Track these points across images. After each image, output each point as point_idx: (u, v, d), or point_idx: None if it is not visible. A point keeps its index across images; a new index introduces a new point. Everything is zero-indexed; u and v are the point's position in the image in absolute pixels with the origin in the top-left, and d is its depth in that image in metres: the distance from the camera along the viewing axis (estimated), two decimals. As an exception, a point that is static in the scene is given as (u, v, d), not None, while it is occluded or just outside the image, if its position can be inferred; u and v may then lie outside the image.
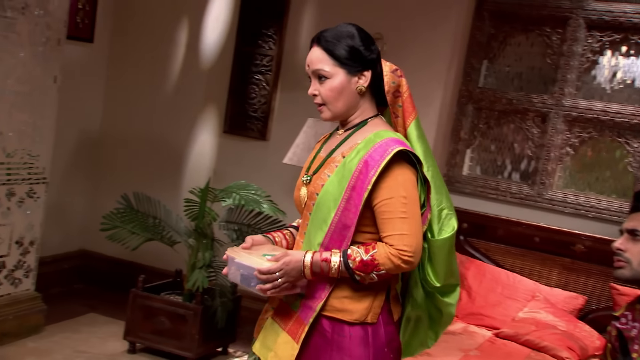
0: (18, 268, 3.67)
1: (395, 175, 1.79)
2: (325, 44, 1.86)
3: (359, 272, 1.77)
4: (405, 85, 1.93)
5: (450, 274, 1.92)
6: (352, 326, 1.82)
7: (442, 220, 1.88)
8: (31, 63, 3.51)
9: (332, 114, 1.89)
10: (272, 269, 1.79)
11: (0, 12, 3.28)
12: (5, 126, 3.46)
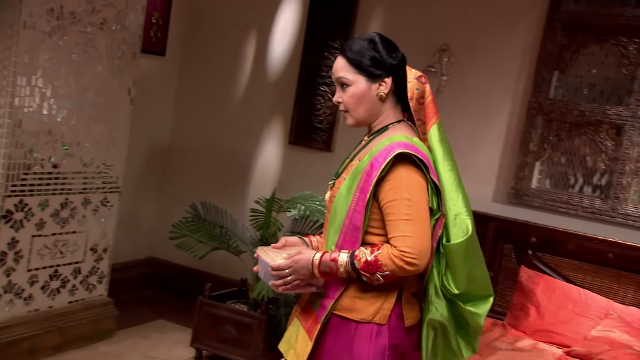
0: (92, 274, 3.80)
1: (400, 178, 1.83)
2: (347, 52, 1.94)
3: (364, 272, 1.82)
4: (428, 91, 1.95)
5: (470, 281, 1.90)
6: (358, 324, 1.87)
7: (458, 225, 1.89)
8: (108, 76, 3.65)
9: (355, 120, 1.96)
10: (282, 266, 1.89)
11: (81, 28, 3.42)
12: (83, 137, 3.59)
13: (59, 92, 3.40)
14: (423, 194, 1.84)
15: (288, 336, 2.02)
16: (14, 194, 3.27)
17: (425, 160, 1.86)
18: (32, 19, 3.17)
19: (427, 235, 1.82)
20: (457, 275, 1.89)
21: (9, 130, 3.18)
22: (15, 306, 3.38)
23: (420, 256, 1.78)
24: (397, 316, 1.89)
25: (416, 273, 1.83)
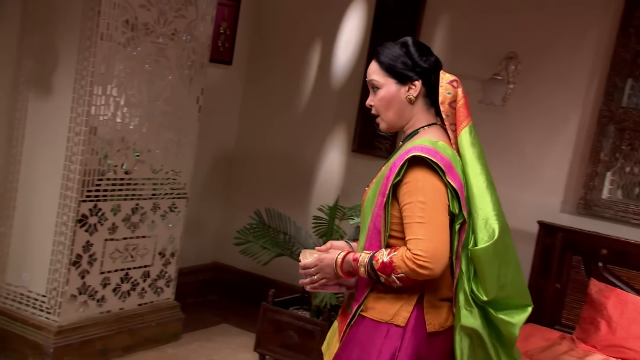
0: (160, 278, 3.90)
1: (416, 181, 1.82)
2: (378, 56, 1.96)
3: (381, 273, 1.82)
4: (460, 95, 1.92)
5: (501, 288, 1.85)
6: (376, 323, 1.88)
7: (486, 230, 1.84)
8: (178, 85, 3.74)
9: (386, 124, 1.97)
10: (309, 264, 1.94)
11: (154, 38, 3.53)
12: (154, 144, 3.70)
13: (131, 100, 3.51)
14: (439, 197, 1.83)
15: (328, 338, 2.08)
16: (88, 199, 3.39)
17: (443, 163, 1.83)
18: (109, 31, 3.28)
19: (441, 238, 1.80)
20: (486, 281, 1.84)
21: (86, 137, 3.31)
22: (89, 307, 3.50)
23: (434, 260, 1.76)
24: (417, 320, 1.87)
25: (431, 277, 1.79)
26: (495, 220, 1.85)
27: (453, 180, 1.84)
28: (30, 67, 3.42)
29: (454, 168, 1.87)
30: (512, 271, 1.90)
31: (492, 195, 1.87)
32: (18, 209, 3.46)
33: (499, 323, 1.87)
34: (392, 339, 1.86)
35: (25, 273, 3.42)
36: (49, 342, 3.30)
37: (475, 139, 1.92)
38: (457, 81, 1.94)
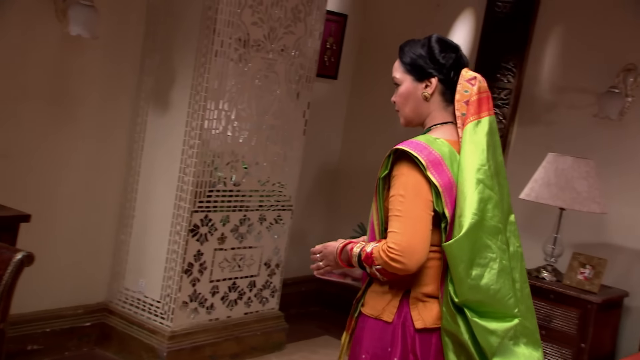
0: (265, 288, 3.98)
1: (399, 175, 1.83)
2: (400, 53, 1.98)
3: (365, 264, 1.84)
4: (474, 91, 1.88)
5: (473, 289, 1.78)
6: (368, 319, 1.89)
7: (458, 226, 1.78)
8: (285, 99, 3.84)
9: (404, 120, 2.01)
10: (315, 250, 2.01)
11: (264, 54, 3.64)
12: (261, 157, 3.80)
13: (241, 114, 3.63)
14: (420, 192, 1.80)
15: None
16: (200, 210, 3.53)
17: (429, 159, 1.81)
18: (223, 48, 3.42)
19: (415, 233, 1.76)
20: (455, 279, 1.79)
21: (199, 150, 3.44)
22: (199, 314, 3.63)
23: (405, 253, 1.74)
24: (404, 316, 1.86)
25: (406, 271, 1.77)
26: (469, 217, 1.77)
27: (437, 177, 1.81)
28: (150, 84, 3.61)
29: (444, 165, 1.83)
30: (490, 276, 1.79)
31: (475, 193, 1.79)
32: (136, 218, 3.65)
33: (475, 328, 1.79)
34: (384, 336, 1.86)
35: (142, 279, 3.60)
36: (162, 346, 3.45)
37: (480, 136, 1.85)
38: (476, 78, 1.89)
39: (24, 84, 3.18)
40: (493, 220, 1.81)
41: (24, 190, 3.22)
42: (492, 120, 1.89)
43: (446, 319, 1.82)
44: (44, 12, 3.16)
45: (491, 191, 1.82)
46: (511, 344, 1.89)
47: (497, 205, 1.83)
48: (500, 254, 1.82)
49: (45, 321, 3.39)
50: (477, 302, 1.80)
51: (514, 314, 1.84)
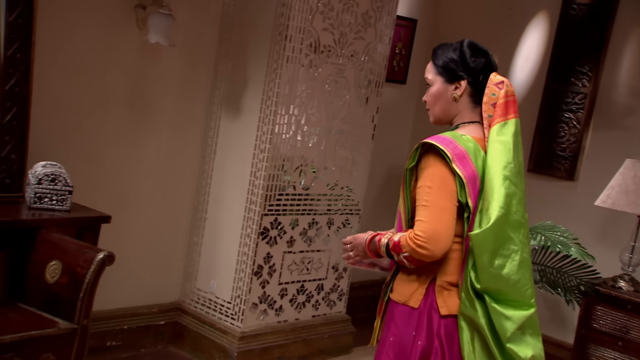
0: (333, 291, 4.01)
1: (426, 167, 1.95)
2: (433, 55, 2.10)
3: (393, 252, 1.95)
4: (502, 95, 1.99)
5: (495, 278, 1.90)
6: (397, 305, 2.01)
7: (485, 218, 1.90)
8: (354, 104, 3.86)
9: (433, 118, 2.12)
10: (346, 241, 2.15)
11: (334, 60, 3.67)
12: (330, 161, 3.83)
13: (311, 119, 3.68)
14: (445, 184, 1.92)
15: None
16: (270, 213, 3.59)
17: (454, 152, 1.92)
18: (294, 54, 3.47)
19: (440, 221, 1.88)
20: (478, 267, 1.90)
21: (269, 155, 3.50)
22: (268, 316, 3.69)
23: (431, 241, 1.86)
24: (429, 302, 1.97)
25: (431, 258, 1.89)
26: (496, 210, 1.89)
27: (462, 169, 1.92)
28: (223, 89, 3.69)
29: (469, 159, 1.94)
30: (512, 267, 1.92)
31: (502, 188, 1.91)
32: (208, 221, 3.74)
33: (492, 312, 1.91)
34: (410, 320, 1.97)
35: (213, 280, 3.69)
36: (233, 346, 3.52)
37: (506, 136, 1.96)
38: (504, 82, 2.01)
39: (106, 89, 3.31)
40: (517, 214, 1.93)
41: (104, 191, 3.35)
42: (517, 123, 2.01)
43: (464, 304, 1.93)
44: (126, 21, 3.28)
45: (516, 187, 1.94)
46: (520, 334, 1.96)
47: (520, 201, 1.95)
48: (522, 246, 1.94)
49: (122, 319, 3.52)
50: (497, 290, 1.92)
51: (531, 304, 1.96)
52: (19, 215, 2.75)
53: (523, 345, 1.95)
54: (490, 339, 1.92)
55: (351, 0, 3.65)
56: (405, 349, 1.96)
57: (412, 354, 1.95)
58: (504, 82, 2.01)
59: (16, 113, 2.89)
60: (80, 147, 3.26)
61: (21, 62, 2.85)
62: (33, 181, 2.83)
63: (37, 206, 2.82)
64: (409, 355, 1.96)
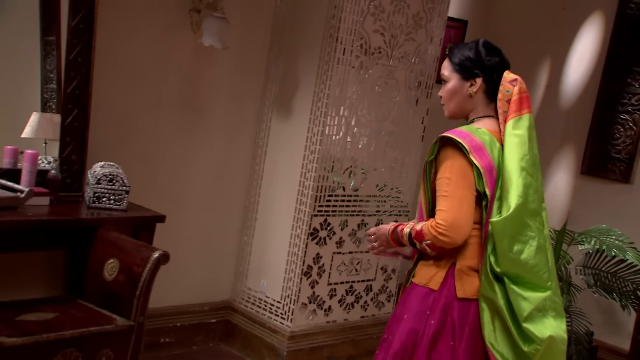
0: (382, 292, 4.02)
1: (445, 159, 2.06)
2: (449, 53, 2.20)
3: (416, 240, 2.08)
4: (516, 91, 2.10)
5: (514, 262, 2.02)
6: (417, 286, 2.12)
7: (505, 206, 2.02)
8: (404, 106, 3.85)
9: (448, 112, 2.21)
10: (370, 232, 2.27)
11: (385, 61, 3.68)
12: (380, 162, 3.84)
13: (361, 121, 3.69)
14: (464, 175, 2.03)
15: None
16: (319, 214, 3.61)
17: (471, 144, 2.03)
18: (345, 56, 3.49)
19: (460, 210, 2.00)
20: (498, 252, 2.02)
21: (319, 156, 3.53)
22: (317, 316, 3.71)
23: (452, 228, 1.98)
24: (449, 285, 2.07)
25: (452, 244, 2.01)
26: (515, 199, 2.01)
27: (479, 160, 2.03)
28: (274, 91, 3.74)
29: (485, 150, 2.05)
30: (529, 252, 2.03)
31: (519, 178, 2.03)
32: (259, 221, 3.79)
33: (510, 293, 2.02)
34: (426, 300, 2.08)
35: (264, 280, 3.73)
36: (282, 345, 3.56)
37: (522, 130, 2.08)
38: (517, 80, 2.13)
39: (161, 91, 3.39)
40: (533, 203, 2.06)
41: (158, 191, 3.43)
42: (531, 117, 2.12)
43: (484, 287, 2.04)
44: (181, 25, 3.35)
45: (532, 178, 2.06)
46: (540, 316, 2.06)
47: (536, 191, 2.08)
48: (538, 233, 2.07)
49: (175, 316, 3.60)
50: (516, 274, 2.04)
51: (547, 287, 2.07)
52: (79, 214, 2.84)
53: (540, 325, 2.04)
54: (508, 318, 2.02)
55: (402, 2, 3.65)
56: (418, 326, 2.08)
57: (425, 331, 2.07)
58: (517, 79, 2.13)
59: (77, 115, 2.99)
60: (136, 148, 3.35)
61: (82, 66, 2.94)
62: (92, 181, 2.92)
63: (96, 205, 2.91)
64: (422, 332, 2.07)
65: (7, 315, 2.43)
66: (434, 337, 2.05)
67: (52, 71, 3.07)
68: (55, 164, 2.91)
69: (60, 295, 2.93)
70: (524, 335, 2.03)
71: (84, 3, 2.89)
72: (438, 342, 2.05)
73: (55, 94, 3.09)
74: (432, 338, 2.05)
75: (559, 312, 2.10)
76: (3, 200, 2.60)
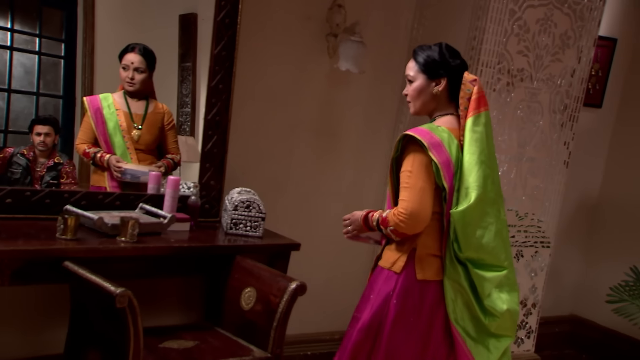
0: (521, 328, 3.77)
1: (408, 154, 2.24)
2: (414, 54, 2.36)
3: (382, 226, 2.29)
4: (475, 90, 2.28)
5: (477, 248, 2.24)
6: (382, 269, 2.34)
7: (464, 196, 2.22)
8: (548, 130, 3.62)
9: (414, 110, 2.38)
10: (345, 217, 2.46)
11: (528, 84, 3.47)
12: (520, 190, 3.61)
13: (501, 146, 3.48)
14: (424, 168, 2.21)
15: None
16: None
17: (431, 142, 2.21)
18: (486, 79, 3.31)
19: (420, 200, 2.19)
20: (461, 239, 2.22)
21: (457, 183, 3.36)
22: (452, 351, 3.52)
23: (411, 217, 2.18)
24: (409, 269, 2.27)
25: (412, 231, 2.22)
26: (474, 190, 2.22)
27: (437, 156, 2.21)
28: (409, 115, 3.61)
29: (443, 147, 2.23)
30: (489, 236, 2.25)
31: (479, 171, 2.23)
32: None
33: (474, 276, 2.25)
34: (389, 282, 2.29)
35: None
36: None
37: (480, 126, 2.26)
38: (477, 81, 2.30)
39: (296, 116, 3.37)
40: (491, 193, 2.27)
41: (291, 217, 3.40)
42: (488, 114, 2.31)
43: (449, 271, 2.25)
44: (317, 50, 3.32)
45: (490, 170, 2.26)
46: (497, 291, 2.31)
47: (494, 182, 2.28)
48: (495, 219, 2.28)
49: (306, 344, 3.55)
50: (478, 257, 2.25)
51: (504, 266, 2.30)
52: (217, 241, 2.84)
53: (499, 301, 2.30)
54: (471, 297, 2.26)
55: (549, 21, 3.43)
56: (383, 305, 2.28)
57: (389, 310, 2.27)
58: (476, 79, 2.30)
59: (216, 141, 3.01)
60: (270, 173, 3.33)
61: (223, 92, 2.97)
62: (229, 207, 2.92)
63: (233, 232, 2.91)
64: (387, 311, 2.27)
65: (151, 341, 2.46)
66: (397, 314, 2.26)
67: (187, 95, 3.14)
68: (195, 189, 2.94)
69: (198, 322, 2.95)
70: (485, 310, 2.28)
71: (226, 31, 2.91)
72: (400, 319, 2.26)
73: (189, 117, 3.15)
74: (394, 315, 2.26)
75: (512, 287, 2.34)
76: (148, 226, 2.65)
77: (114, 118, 2.94)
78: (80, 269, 2.26)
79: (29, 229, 2.50)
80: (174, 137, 3.07)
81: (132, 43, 2.92)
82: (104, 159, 2.91)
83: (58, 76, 2.92)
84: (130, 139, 2.97)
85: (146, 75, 2.95)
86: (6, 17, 2.79)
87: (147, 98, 3.00)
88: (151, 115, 3.01)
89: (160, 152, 3.07)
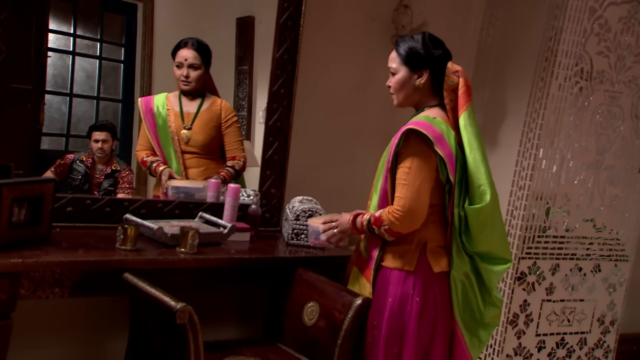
0: (598, 347, 3.54)
1: (407, 150, 2.18)
2: (396, 45, 2.31)
3: (374, 226, 2.24)
4: (462, 83, 2.22)
5: (488, 244, 2.25)
6: (392, 270, 2.27)
7: (479, 195, 2.20)
8: (629, 136, 3.38)
9: (398, 102, 2.34)
10: (327, 220, 2.43)
11: (608, 87, 3.24)
12: (598, 200, 3.39)
13: (578, 154, 3.28)
14: (425, 164, 2.16)
15: (351, 283, 2.44)
16: (528, 256, 3.24)
17: (434, 135, 2.15)
18: (562, 81, 3.11)
19: (417, 198, 2.15)
20: (474, 235, 2.23)
21: (530, 192, 3.17)
22: (524, 370, 3.33)
23: (408, 214, 2.15)
24: (423, 265, 2.24)
25: (408, 230, 2.20)
26: (487, 188, 2.22)
27: (442, 150, 2.16)
28: (478, 120, 3.41)
29: (445, 140, 2.18)
30: (497, 233, 2.27)
31: (485, 167, 2.23)
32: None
33: (482, 270, 2.28)
34: (406, 283, 2.24)
35: (464, 326, 3.42)
36: (486, 402, 3.22)
37: (472, 120, 2.23)
38: (460, 71, 2.24)
39: (359, 122, 3.24)
40: (495, 189, 2.26)
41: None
42: (472, 104, 2.26)
43: (457, 263, 2.25)
44: (382, 52, 3.17)
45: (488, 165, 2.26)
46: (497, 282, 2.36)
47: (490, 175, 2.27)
48: (500, 215, 2.29)
49: None
50: (487, 252, 2.27)
51: (509, 259, 2.30)
52: (278, 252, 2.74)
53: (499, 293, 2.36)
54: (477, 289, 2.29)
55: (632, 19, 3.20)
56: (404, 306, 2.23)
57: (412, 310, 2.22)
58: (460, 70, 2.24)
59: (277, 148, 2.91)
60: (332, 181, 3.21)
61: (284, 97, 2.86)
62: (291, 217, 2.81)
63: (294, 242, 2.79)
64: (410, 311, 2.22)
65: (212, 357, 2.35)
66: (420, 312, 2.22)
67: (243, 99, 3.06)
68: (256, 198, 2.84)
69: (258, 336, 2.84)
70: (492, 301, 2.31)
71: (289, 33, 2.81)
72: (423, 317, 2.23)
73: (245, 121, 3.06)
74: (418, 314, 2.22)
75: None
76: (208, 236, 2.56)
77: (164, 117, 2.80)
78: (140, 281, 2.18)
79: (88, 239, 2.45)
80: (235, 136, 2.88)
81: (185, 38, 2.78)
82: (158, 171, 2.82)
83: (118, 80, 2.88)
84: (179, 141, 2.81)
85: (202, 71, 2.81)
86: (69, 23, 2.76)
87: (204, 95, 2.87)
88: (204, 113, 2.85)
89: (224, 155, 2.93)
